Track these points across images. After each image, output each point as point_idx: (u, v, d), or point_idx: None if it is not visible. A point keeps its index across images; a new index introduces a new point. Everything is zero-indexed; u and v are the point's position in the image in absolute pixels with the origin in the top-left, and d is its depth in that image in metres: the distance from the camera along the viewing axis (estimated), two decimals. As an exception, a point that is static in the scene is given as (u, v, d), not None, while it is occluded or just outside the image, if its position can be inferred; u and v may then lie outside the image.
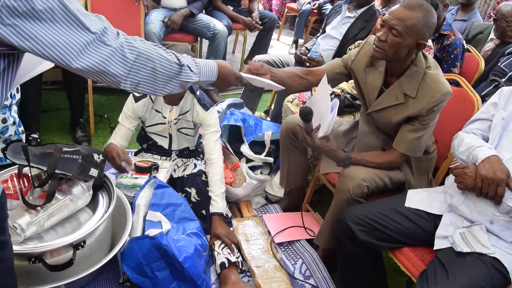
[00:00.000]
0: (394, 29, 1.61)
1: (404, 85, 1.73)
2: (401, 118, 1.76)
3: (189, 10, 3.45)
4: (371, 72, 1.84)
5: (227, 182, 2.18)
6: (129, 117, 2.08)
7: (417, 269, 1.54)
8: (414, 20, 1.59)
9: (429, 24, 1.62)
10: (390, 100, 1.78)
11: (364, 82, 1.87)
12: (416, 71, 1.71)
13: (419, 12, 1.60)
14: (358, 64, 1.89)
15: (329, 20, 3.08)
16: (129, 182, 2.02)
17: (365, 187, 1.71)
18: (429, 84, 1.69)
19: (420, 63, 1.71)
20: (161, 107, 2.10)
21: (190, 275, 1.66)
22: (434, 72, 1.71)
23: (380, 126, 1.89)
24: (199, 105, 2.08)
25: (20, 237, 1.41)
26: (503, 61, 2.79)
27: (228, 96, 3.51)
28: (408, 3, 1.63)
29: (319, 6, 5.14)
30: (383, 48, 1.66)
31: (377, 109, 1.83)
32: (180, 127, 2.16)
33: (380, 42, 1.66)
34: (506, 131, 1.50)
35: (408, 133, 1.76)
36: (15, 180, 1.64)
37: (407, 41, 1.62)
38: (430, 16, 1.62)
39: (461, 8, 3.92)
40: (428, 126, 1.74)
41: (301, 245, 2.11)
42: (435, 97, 1.67)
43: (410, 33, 1.60)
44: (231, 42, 4.81)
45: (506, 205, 1.39)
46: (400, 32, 1.60)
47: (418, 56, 1.72)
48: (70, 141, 2.80)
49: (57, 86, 3.29)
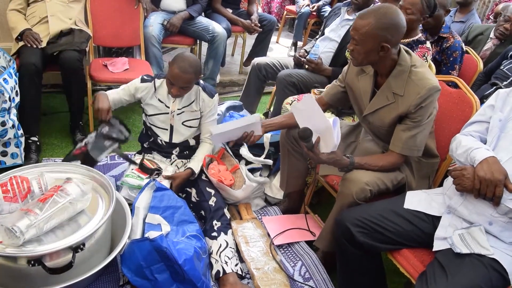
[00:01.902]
0: (354, 39, 1.70)
1: (392, 85, 1.77)
2: (393, 117, 1.78)
3: (188, 13, 3.46)
4: (362, 78, 1.90)
5: (227, 184, 2.19)
6: (127, 90, 2.14)
7: (416, 271, 1.55)
8: (367, 27, 1.65)
9: (386, 27, 1.64)
10: (382, 101, 1.81)
11: (358, 88, 1.92)
12: (401, 70, 1.74)
13: (371, 19, 1.65)
14: (350, 75, 1.96)
15: (328, 22, 3.08)
16: (135, 182, 2.02)
17: (369, 191, 1.72)
18: (414, 81, 1.72)
19: (404, 62, 1.74)
20: (164, 97, 2.14)
21: (190, 277, 1.66)
22: (420, 69, 1.74)
23: (376, 130, 1.91)
24: (204, 93, 2.16)
25: (20, 240, 1.41)
26: (506, 64, 2.77)
27: (227, 99, 3.52)
28: (362, 12, 1.71)
29: (318, 8, 5.15)
30: (353, 56, 1.76)
31: (371, 112, 1.85)
32: (184, 119, 2.18)
33: (350, 52, 1.77)
34: (503, 133, 1.50)
35: (402, 133, 1.77)
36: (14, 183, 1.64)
37: (367, 47, 1.68)
38: (386, 19, 1.65)
39: (459, 10, 3.93)
40: (421, 124, 1.75)
41: (300, 247, 2.11)
42: (420, 93, 1.69)
43: (366, 40, 1.66)
44: (230, 44, 4.82)
45: (504, 206, 1.40)
46: (358, 40, 1.69)
47: (402, 55, 1.75)
48: (69, 144, 2.80)
49: (56, 89, 3.30)
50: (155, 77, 2.14)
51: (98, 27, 3.08)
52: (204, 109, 2.19)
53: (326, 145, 1.72)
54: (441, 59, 2.78)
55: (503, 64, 2.79)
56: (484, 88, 2.78)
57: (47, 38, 2.62)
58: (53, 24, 2.68)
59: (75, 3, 2.85)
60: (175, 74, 1.94)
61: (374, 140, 1.98)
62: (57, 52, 2.58)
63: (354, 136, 2.11)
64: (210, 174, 2.18)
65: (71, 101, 2.73)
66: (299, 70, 2.90)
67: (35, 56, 2.48)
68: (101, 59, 3.06)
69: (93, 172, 1.83)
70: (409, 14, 2.34)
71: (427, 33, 2.81)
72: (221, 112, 2.67)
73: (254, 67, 3.12)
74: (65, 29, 2.71)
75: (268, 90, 3.60)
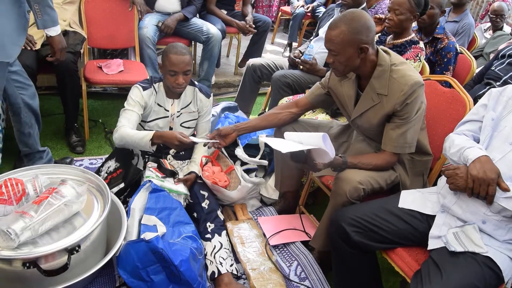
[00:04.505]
0: (331, 51, 1.71)
1: (375, 85, 1.78)
2: (380, 118, 1.80)
3: (183, 14, 3.46)
4: (345, 83, 1.92)
5: (222, 185, 2.19)
6: (138, 104, 2.06)
7: (411, 269, 1.55)
8: (341, 35, 1.67)
9: (358, 29, 1.66)
10: (367, 103, 1.82)
11: (342, 94, 1.94)
12: (382, 70, 1.76)
13: (342, 27, 1.67)
14: (333, 81, 1.98)
15: (322, 23, 3.09)
16: (158, 183, 2.00)
17: (362, 190, 1.72)
18: (396, 79, 1.74)
19: (384, 62, 1.76)
20: (163, 101, 2.13)
21: (186, 278, 1.66)
22: (400, 67, 1.76)
23: (366, 131, 1.93)
24: (201, 93, 2.19)
25: (15, 242, 1.40)
26: (497, 64, 2.79)
27: (223, 100, 3.52)
28: (331, 24, 1.72)
29: (312, 9, 5.17)
30: (335, 67, 1.77)
31: (358, 115, 1.87)
32: (183, 121, 2.20)
33: (331, 64, 1.78)
34: (496, 132, 1.51)
35: (391, 132, 1.79)
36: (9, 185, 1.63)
37: (347, 54, 1.70)
38: (355, 22, 1.67)
39: (453, 10, 3.95)
40: (410, 120, 1.76)
41: (296, 247, 2.11)
42: (404, 90, 1.71)
43: (345, 47, 1.68)
44: (225, 45, 4.82)
45: (497, 205, 1.41)
46: (336, 50, 1.70)
47: (380, 56, 1.77)
48: (64, 146, 2.80)
49: (51, 91, 3.29)
50: (152, 82, 2.12)
51: (93, 28, 3.08)
52: (202, 109, 2.22)
53: (323, 159, 1.72)
54: (435, 60, 2.79)
55: (494, 64, 2.81)
56: (477, 88, 2.79)
57: (41, 40, 2.61)
58: (47, 26, 2.67)
59: (69, 4, 2.84)
60: (175, 60, 1.96)
61: (366, 142, 1.99)
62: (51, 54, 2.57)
63: (346, 136, 2.12)
64: (204, 177, 2.17)
65: (66, 103, 2.72)
66: (294, 71, 2.90)
67: (29, 58, 2.47)
68: (95, 61, 3.06)
69: (88, 174, 1.83)
70: (398, 15, 2.36)
71: (422, 34, 2.83)
72: (216, 113, 2.67)
73: (249, 68, 3.13)
74: (59, 31, 2.70)
75: (263, 91, 3.61)
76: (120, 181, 2.05)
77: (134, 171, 2.09)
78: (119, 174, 2.08)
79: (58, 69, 2.56)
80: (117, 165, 2.11)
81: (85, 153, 2.78)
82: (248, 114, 3.20)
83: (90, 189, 1.76)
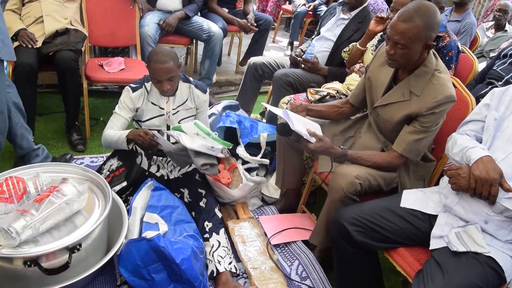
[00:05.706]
0: (399, 44, 1.64)
1: (411, 83, 1.76)
2: (402, 115, 1.78)
3: (184, 13, 3.46)
4: (384, 70, 1.88)
5: (223, 183, 2.18)
6: (126, 107, 2.06)
7: (413, 269, 1.55)
8: (415, 30, 1.61)
9: (432, 25, 1.63)
10: (397, 97, 1.80)
11: (376, 79, 1.90)
12: (425, 71, 1.73)
13: (417, 21, 1.61)
14: (374, 66, 1.95)
15: (324, 22, 3.09)
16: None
17: (358, 184, 1.72)
18: (435, 85, 1.71)
19: (430, 65, 1.73)
20: (157, 99, 2.10)
21: (188, 277, 1.66)
22: (443, 76, 1.73)
23: (382, 124, 1.90)
24: (197, 90, 2.16)
25: (16, 240, 1.40)
26: (499, 64, 2.78)
27: (224, 98, 3.51)
28: (404, 15, 1.63)
29: (314, 7, 5.16)
30: (394, 59, 1.71)
31: (383, 104, 1.85)
32: (181, 118, 2.17)
33: (390, 55, 1.70)
34: (498, 132, 1.51)
35: (408, 135, 1.77)
36: (10, 184, 1.63)
37: (415, 49, 1.65)
38: (431, 18, 1.63)
39: (454, 9, 3.94)
40: (429, 130, 1.74)
41: (297, 246, 2.11)
42: (437, 98, 1.69)
43: (415, 42, 1.63)
44: (227, 44, 4.81)
45: (500, 205, 1.40)
46: (405, 44, 1.63)
47: (429, 57, 1.74)
48: (65, 144, 2.80)
49: (52, 89, 3.28)
50: (144, 81, 2.10)
51: (94, 26, 3.08)
52: (200, 105, 2.20)
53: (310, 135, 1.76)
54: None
55: (496, 64, 2.81)
56: (479, 87, 2.79)
57: (42, 38, 2.61)
58: (48, 24, 2.67)
59: (70, 2, 2.84)
60: (156, 69, 1.91)
61: (375, 135, 1.96)
62: (52, 52, 2.57)
63: (353, 131, 2.10)
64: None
65: (67, 101, 2.72)
66: (295, 70, 2.90)
67: (30, 56, 2.47)
68: (97, 59, 3.05)
69: (89, 172, 1.83)
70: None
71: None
72: (218, 112, 2.67)
73: (251, 66, 3.12)
74: (60, 29, 2.70)
75: (265, 89, 3.60)
76: (122, 180, 2.04)
77: (138, 170, 2.08)
78: (122, 173, 2.07)
79: (59, 67, 2.56)
80: (119, 164, 2.11)
81: (86, 151, 2.78)
82: (249, 113, 3.19)
83: (91, 188, 1.76)
